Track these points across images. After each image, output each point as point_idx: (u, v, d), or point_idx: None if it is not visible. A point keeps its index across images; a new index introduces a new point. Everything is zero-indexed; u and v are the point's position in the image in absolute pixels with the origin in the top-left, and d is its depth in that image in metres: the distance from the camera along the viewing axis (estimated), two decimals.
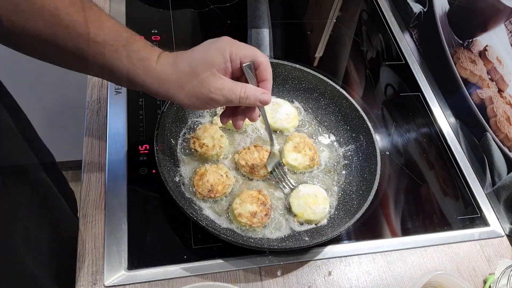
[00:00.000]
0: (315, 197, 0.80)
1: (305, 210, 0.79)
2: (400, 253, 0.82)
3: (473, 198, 0.93)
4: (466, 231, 0.87)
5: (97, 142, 0.85)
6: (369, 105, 1.05)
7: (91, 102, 0.90)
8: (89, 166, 0.81)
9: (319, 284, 0.75)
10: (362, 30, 1.24)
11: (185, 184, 0.80)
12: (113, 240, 0.73)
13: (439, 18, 1.07)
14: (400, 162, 0.96)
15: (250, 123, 0.91)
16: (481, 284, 0.81)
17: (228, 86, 0.62)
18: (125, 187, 0.79)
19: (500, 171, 0.90)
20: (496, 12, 0.89)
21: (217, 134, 0.85)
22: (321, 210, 0.79)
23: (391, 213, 0.88)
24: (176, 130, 0.86)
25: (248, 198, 0.77)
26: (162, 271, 0.72)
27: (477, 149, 0.96)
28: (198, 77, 0.61)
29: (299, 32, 1.22)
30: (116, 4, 1.10)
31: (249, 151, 0.84)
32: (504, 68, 0.88)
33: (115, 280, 0.69)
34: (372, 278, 0.78)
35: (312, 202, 0.79)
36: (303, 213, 0.78)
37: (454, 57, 1.03)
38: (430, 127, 1.04)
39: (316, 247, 0.78)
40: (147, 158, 0.84)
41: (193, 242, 0.75)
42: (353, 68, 1.15)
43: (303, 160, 0.85)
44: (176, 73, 0.61)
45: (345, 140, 0.92)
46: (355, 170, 0.87)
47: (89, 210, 0.76)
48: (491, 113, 0.92)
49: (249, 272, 0.74)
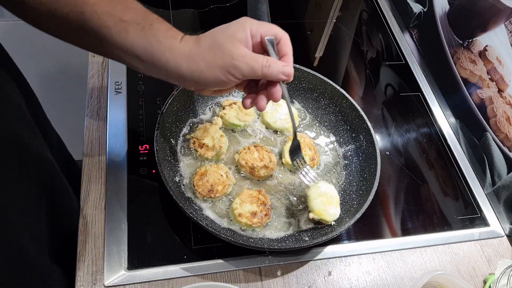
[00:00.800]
0: (331, 198, 0.78)
1: (323, 209, 0.76)
2: (400, 253, 0.82)
3: (473, 198, 0.93)
4: (466, 231, 0.87)
5: (97, 142, 0.85)
6: (369, 105, 1.05)
7: (91, 102, 0.90)
8: (89, 166, 0.81)
9: (319, 284, 0.75)
10: (362, 30, 1.24)
11: (185, 184, 0.80)
12: (113, 240, 0.73)
13: (439, 18, 1.07)
14: (400, 162, 0.96)
15: (250, 124, 0.91)
16: (481, 284, 0.81)
17: (250, 54, 0.62)
18: (125, 187, 0.79)
19: (500, 171, 0.90)
20: (496, 12, 0.89)
21: (217, 134, 0.85)
22: (334, 212, 0.77)
23: (391, 213, 0.88)
24: (176, 130, 0.86)
25: (248, 198, 0.77)
26: (162, 271, 0.72)
27: (477, 149, 0.96)
28: (221, 47, 0.61)
29: (299, 32, 1.22)
30: None
31: (249, 151, 0.84)
32: (504, 68, 0.88)
33: (115, 280, 0.69)
34: (372, 278, 0.78)
35: (327, 202, 0.77)
36: (320, 211, 0.76)
37: (454, 57, 1.03)
38: (430, 127, 1.04)
39: (316, 247, 0.78)
40: (147, 158, 0.84)
41: (193, 242, 0.75)
42: (353, 68, 1.15)
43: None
44: (199, 47, 0.61)
45: (345, 140, 0.92)
46: (355, 170, 0.87)
47: (89, 210, 0.76)
48: (491, 113, 0.92)
49: (249, 272, 0.74)
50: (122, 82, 0.94)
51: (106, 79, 0.94)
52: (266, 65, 0.62)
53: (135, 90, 0.93)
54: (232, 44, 0.61)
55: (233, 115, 0.88)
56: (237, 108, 0.89)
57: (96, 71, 0.95)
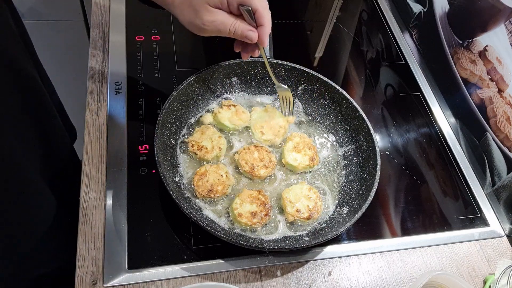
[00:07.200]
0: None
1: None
2: (400, 253, 0.82)
3: (473, 198, 0.93)
4: (466, 231, 0.87)
5: (97, 142, 0.85)
6: (369, 105, 1.05)
7: (91, 102, 0.90)
8: (89, 166, 0.81)
9: (319, 284, 0.75)
10: (362, 30, 1.24)
11: (185, 184, 0.80)
12: (113, 240, 0.73)
13: (439, 18, 1.07)
14: (400, 162, 0.96)
15: (239, 129, 0.90)
16: (481, 284, 0.81)
17: (220, 19, 0.70)
18: (125, 187, 0.79)
19: (500, 171, 0.90)
20: (496, 12, 0.89)
21: (215, 135, 0.85)
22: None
23: (391, 213, 0.88)
24: (176, 130, 0.86)
25: (248, 198, 0.77)
26: (162, 271, 0.72)
27: (477, 149, 0.96)
28: (195, 10, 0.69)
29: (299, 32, 1.22)
30: (116, 4, 1.10)
31: (249, 151, 0.84)
32: (504, 68, 0.88)
33: (115, 280, 0.69)
34: (372, 278, 0.78)
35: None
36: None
37: (454, 57, 1.03)
38: (430, 127, 1.04)
39: (316, 247, 0.78)
40: (147, 158, 0.84)
41: (193, 242, 0.75)
42: (353, 68, 1.15)
43: (302, 160, 0.85)
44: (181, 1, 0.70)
45: (345, 140, 0.92)
46: (355, 170, 0.87)
47: (89, 210, 0.76)
48: (491, 113, 0.92)
49: (249, 272, 0.74)
50: (122, 82, 0.94)
51: (106, 79, 0.94)
52: (232, 30, 0.71)
53: (135, 90, 0.93)
54: (205, 9, 0.68)
55: (226, 117, 0.88)
56: (234, 111, 0.89)
57: (96, 71, 0.95)
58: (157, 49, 1.03)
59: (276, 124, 0.90)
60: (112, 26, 1.05)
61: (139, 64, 0.99)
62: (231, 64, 0.91)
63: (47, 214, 0.84)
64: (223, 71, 0.92)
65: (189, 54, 1.07)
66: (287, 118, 0.91)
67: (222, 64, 0.90)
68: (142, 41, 1.04)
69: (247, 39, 0.73)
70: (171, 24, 1.10)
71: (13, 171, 0.74)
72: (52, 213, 0.85)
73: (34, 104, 0.82)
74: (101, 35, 1.03)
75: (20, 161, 0.75)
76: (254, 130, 0.89)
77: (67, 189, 0.91)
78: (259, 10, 0.71)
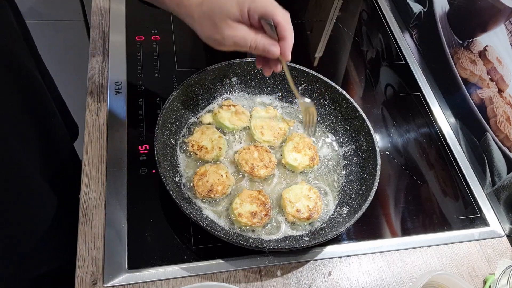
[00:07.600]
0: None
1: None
2: (400, 253, 0.82)
3: (473, 198, 0.93)
4: (466, 231, 0.87)
5: (97, 142, 0.85)
6: (369, 105, 1.05)
7: (91, 102, 0.90)
8: (89, 166, 0.81)
9: (319, 284, 0.75)
10: (362, 30, 1.24)
11: (185, 184, 0.80)
12: (113, 240, 0.73)
13: (439, 18, 1.07)
14: (400, 162, 0.96)
15: (239, 129, 0.90)
16: (481, 284, 0.81)
17: (241, 34, 0.67)
18: (125, 187, 0.79)
19: (500, 171, 0.90)
20: (496, 12, 0.89)
21: (215, 135, 0.85)
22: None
23: (391, 213, 0.88)
24: (176, 130, 0.86)
25: (248, 198, 0.77)
26: (162, 271, 0.72)
27: (477, 149, 0.96)
28: (215, 24, 0.67)
29: (299, 32, 1.22)
30: (116, 4, 1.10)
31: (249, 151, 0.84)
32: (504, 68, 0.88)
33: (115, 280, 0.69)
34: (372, 278, 0.78)
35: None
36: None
37: (454, 57, 1.03)
38: (430, 127, 1.04)
39: (316, 247, 0.78)
40: (147, 158, 0.84)
41: (193, 242, 0.75)
42: (353, 68, 1.15)
43: (302, 160, 0.85)
44: (198, 13, 0.68)
45: (345, 140, 0.92)
46: (355, 170, 0.87)
47: (89, 210, 0.76)
48: (491, 113, 0.92)
49: (249, 272, 0.74)
50: (122, 82, 0.94)
51: (106, 79, 0.94)
52: (253, 45, 0.69)
53: (135, 90, 0.93)
54: (225, 24, 0.66)
55: (226, 117, 0.88)
56: (234, 111, 0.89)
57: (96, 71, 0.95)
58: (157, 49, 1.03)
59: (276, 125, 0.90)
60: (112, 26, 1.05)
61: (139, 64, 0.99)
62: (231, 64, 0.91)
63: (47, 214, 0.84)
64: (223, 71, 0.92)
65: (189, 54, 1.07)
66: (288, 121, 0.91)
67: (222, 64, 0.90)
68: (142, 41, 1.04)
69: (269, 54, 0.70)
70: (171, 24, 1.10)
71: (13, 171, 0.74)
72: (52, 213, 0.85)
73: (35, 104, 0.82)
74: (101, 35, 1.03)
75: (20, 161, 0.75)
76: (254, 130, 0.89)
77: (67, 189, 0.91)
78: (281, 23, 0.68)
